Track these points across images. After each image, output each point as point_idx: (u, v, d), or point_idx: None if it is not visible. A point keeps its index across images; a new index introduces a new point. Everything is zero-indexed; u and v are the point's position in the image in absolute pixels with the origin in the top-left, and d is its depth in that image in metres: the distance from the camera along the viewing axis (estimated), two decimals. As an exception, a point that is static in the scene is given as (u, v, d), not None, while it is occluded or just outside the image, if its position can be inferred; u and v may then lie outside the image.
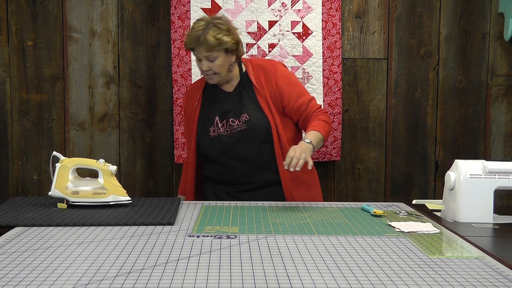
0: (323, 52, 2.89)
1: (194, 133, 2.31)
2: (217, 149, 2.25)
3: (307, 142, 2.08)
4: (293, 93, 2.26)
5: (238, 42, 2.23)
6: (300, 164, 1.95)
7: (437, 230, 1.65)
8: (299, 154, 1.98)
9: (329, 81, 2.90)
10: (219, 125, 2.24)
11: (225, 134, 2.24)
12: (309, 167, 1.99)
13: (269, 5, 2.88)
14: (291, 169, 1.95)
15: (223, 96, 2.29)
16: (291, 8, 2.88)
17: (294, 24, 2.88)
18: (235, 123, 2.22)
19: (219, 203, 2.05)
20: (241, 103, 2.25)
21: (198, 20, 2.23)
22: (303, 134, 2.38)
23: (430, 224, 1.72)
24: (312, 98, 2.30)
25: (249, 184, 2.26)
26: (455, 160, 1.84)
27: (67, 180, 1.89)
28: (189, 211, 1.89)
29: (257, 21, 2.88)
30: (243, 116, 2.22)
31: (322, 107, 2.87)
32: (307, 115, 2.26)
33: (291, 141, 2.27)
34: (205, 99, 2.33)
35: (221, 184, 2.31)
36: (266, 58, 2.88)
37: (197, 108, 2.31)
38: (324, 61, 2.90)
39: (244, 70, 2.31)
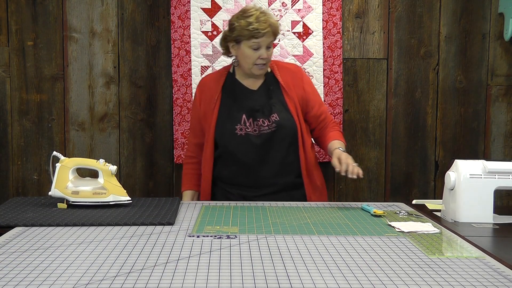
0: (323, 52, 2.89)
1: (212, 129, 2.22)
2: (244, 149, 2.18)
3: (343, 151, 2.11)
4: (316, 100, 2.30)
5: None
6: (356, 172, 1.99)
7: (437, 230, 1.65)
8: (352, 161, 2.02)
9: (330, 81, 2.90)
10: (247, 123, 2.18)
11: (254, 134, 2.18)
12: (361, 176, 2.01)
13: (269, 5, 2.88)
14: (350, 176, 1.98)
15: (248, 94, 2.23)
16: (292, 7, 2.88)
17: (294, 23, 2.88)
18: (265, 123, 2.18)
19: (219, 203, 2.05)
20: (269, 102, 2.21)
21: (246, 10, 2.16)
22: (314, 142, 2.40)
23: (430, 224, 1.72)
24: (326, 108, 2.36)
25: (269, 187, 2.21)
26: (455, 160, 1.84)
27: (67, 180, 1.89)
28: (189, 211, 1.89)
29: (257, 21, 2.88)
30: (272, 116, 2.18)
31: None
32: (325, 125, 2.30)
33: (311, 145, 2.28)
34: (226, 95, 2.25)
35: (236, 186, 2.24)
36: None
37: (216, 103, 2.23)
38: (324, 61, 2.90)
39: (269, 70, 2.27)
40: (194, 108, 2.35)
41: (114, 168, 1.90)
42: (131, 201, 1.93)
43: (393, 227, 1.68)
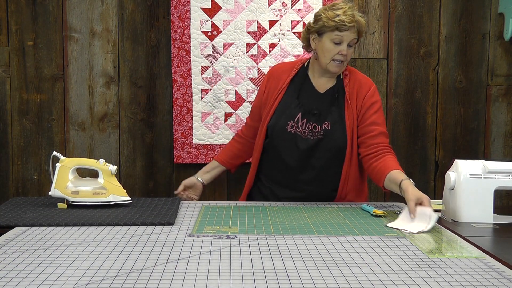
0: (323, 52, 2.89)
1: (268, 118, 2.18)
2: (288, 147, 2.14)
3: (414, 184, 1.88)
4: (369, 117, 2.12)
5: None
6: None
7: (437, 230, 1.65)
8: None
9: (329, 81, 2.90)
10: (299, 123, 2.12)
11: (302, 136, 2.12)
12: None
13: (269, 5, 2.88)
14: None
15: (313, 96, 2.16)
16: (292, 7, 2.88)
17: (294, 23, 2.88)
18: (316, 129, 2.11)
19: (219, 203, 2.05)
20: (329, 110, 2.13)
21: (336, 3, 2.08)
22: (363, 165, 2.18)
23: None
24: (386, 133, 2.13)
25: (301, 192, 2.15)
26: (455, 160, 1.84)
27: (67, 180, 1.89)
28: (189, 211, 1.89)
29: (257, 21, 2.88)
30: (325, 124, 2.11)
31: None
32: (372, 145, 2.09)
33: (358, 164, 2.17)
34: (292, 88, 2.19)
35: (270, 180, 2.21)
36: (266, 58, 2.88)
37: (280, 94, 2.18)
38: (324, 61, 2.90)
39: (341, 77, 2.18)
40: (259, 93, 2.29)
41: (114, 168, 1.91)
42: (131, 201, 1.93)
43: (393, 228, 1.68)
